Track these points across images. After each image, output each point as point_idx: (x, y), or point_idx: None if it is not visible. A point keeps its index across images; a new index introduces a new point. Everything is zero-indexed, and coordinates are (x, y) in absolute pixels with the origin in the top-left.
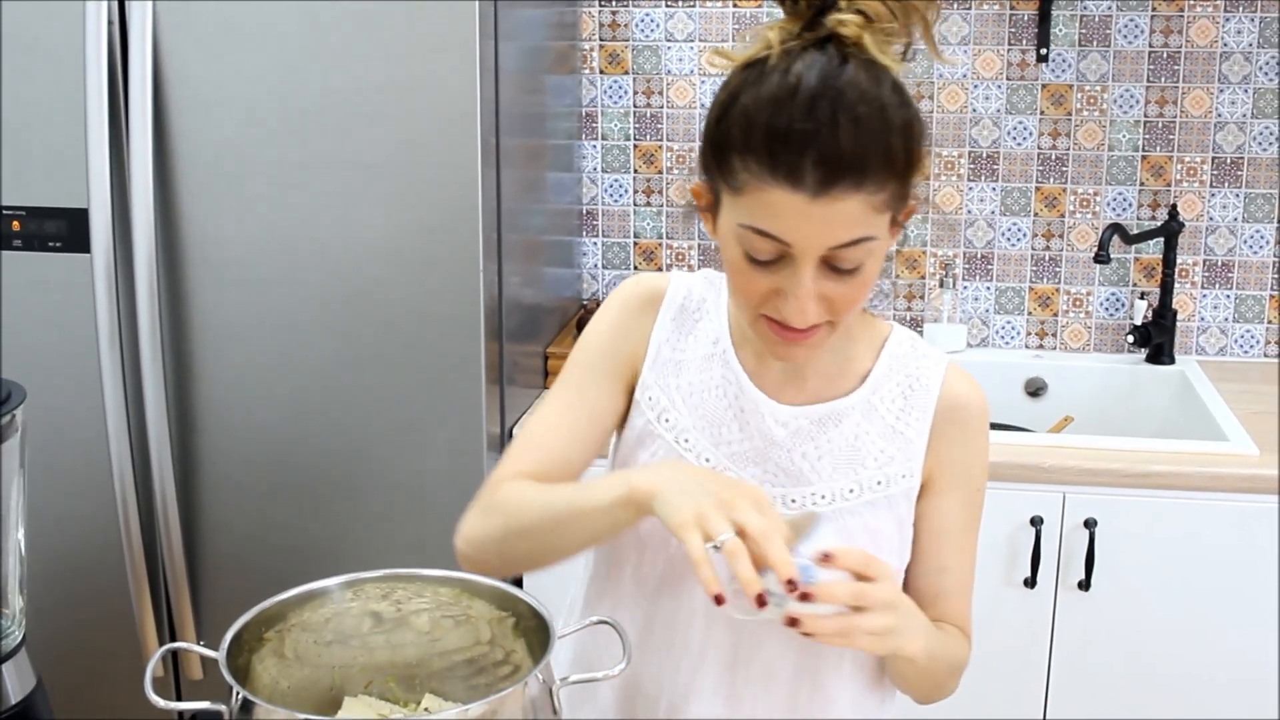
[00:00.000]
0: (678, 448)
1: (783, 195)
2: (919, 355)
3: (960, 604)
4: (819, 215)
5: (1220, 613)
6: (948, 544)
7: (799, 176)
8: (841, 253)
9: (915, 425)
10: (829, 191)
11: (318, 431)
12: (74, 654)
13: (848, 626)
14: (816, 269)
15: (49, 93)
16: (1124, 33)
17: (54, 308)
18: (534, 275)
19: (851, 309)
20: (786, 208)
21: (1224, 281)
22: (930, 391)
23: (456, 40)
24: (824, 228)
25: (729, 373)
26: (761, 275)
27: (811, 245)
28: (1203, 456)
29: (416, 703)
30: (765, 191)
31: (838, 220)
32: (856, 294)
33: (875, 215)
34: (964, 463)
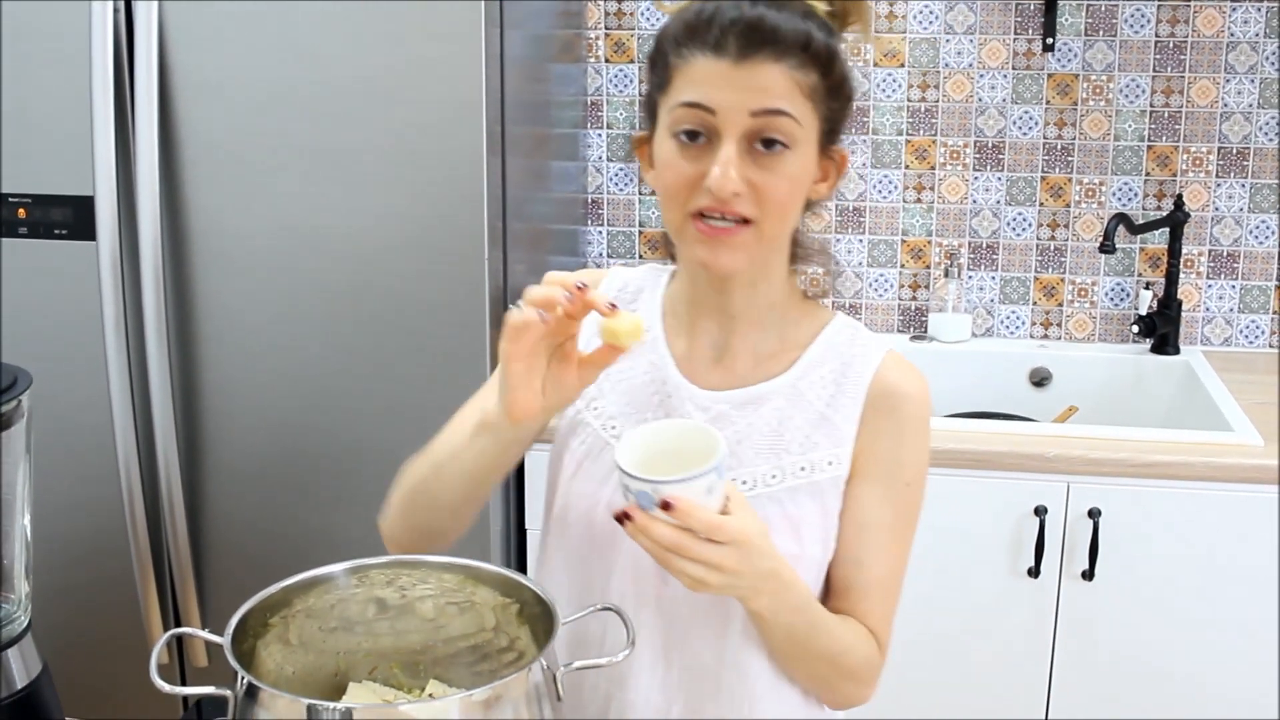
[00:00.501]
0: (604, 434)
1: (707, 63)
2: (857, 343)
3: (874, 605)
4: (741, 80)
5: (1224, 603)
6: (866, 538)
7: (722, 44)
8: (764, 122)
9: (844, 411)
10: (750, 57)
11: (322, 419)
12: (80, 639)
13: (663, 555)
14: (739, 145)
15: (55, 81)
16: (1130, 22)
17: (59, 295)
18: (539, 264)
19: (776, 210)
20: (711, 73)
21: (1229, 272)
22: (862, 378)
23: (462, 29)
24: (746, 93)
25: (656, 358)
26: (689, 163)
27: (734, 109)
28: (1207, 447)
29: (421, 688)
30: (692, 65)
31: (759, 85)
32: (780, 187)
33: (799, 96)
34: (892, 455)
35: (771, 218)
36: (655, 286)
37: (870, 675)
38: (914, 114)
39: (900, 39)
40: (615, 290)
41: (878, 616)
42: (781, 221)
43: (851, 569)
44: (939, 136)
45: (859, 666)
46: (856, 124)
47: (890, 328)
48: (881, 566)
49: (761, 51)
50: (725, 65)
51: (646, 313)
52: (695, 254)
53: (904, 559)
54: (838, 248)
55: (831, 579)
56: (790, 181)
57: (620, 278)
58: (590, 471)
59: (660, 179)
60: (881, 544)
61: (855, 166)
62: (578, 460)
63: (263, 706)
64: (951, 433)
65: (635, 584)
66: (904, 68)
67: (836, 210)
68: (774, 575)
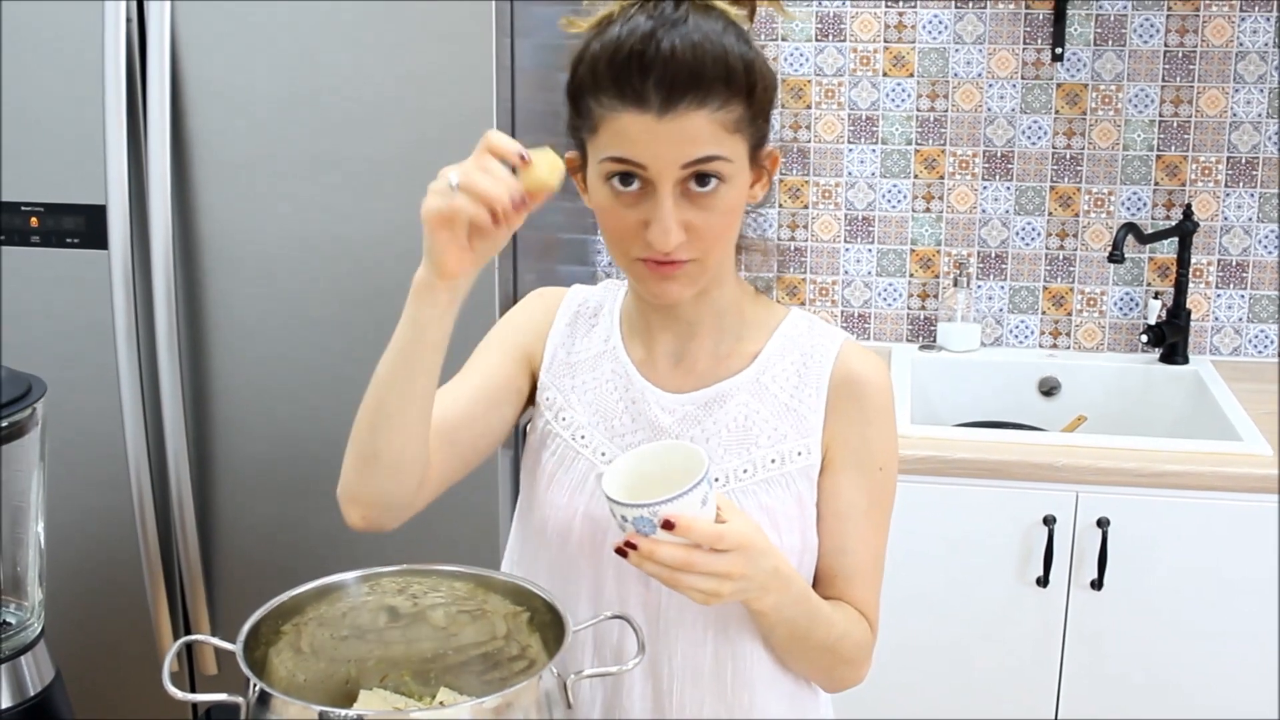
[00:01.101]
0: (574, 444)
1: (631, 118)
2: (815, 334)
3: (861, 589)
4: (667, 133)
5: (1232, 612)
6: (847, 526)
7: (644, 98)
8: (696, 168)
9: (809, 401)
10: (673, 108)
11: (333, 427)
12: (92, 646)
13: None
14: (675, 193)
15: (67, 90)
16: (1139, 32)
17: (72, 304)
18: (549, 273)
19: (718, 243)
20: (636, 130)
21: (1238, 281)
22: (824, 366)
23: (473, 38)
24: (673, 146)
25: (618, 366)
26: (628, 211)
27: (665, 164)
28: (1216, 456)
29: (432, 696)
30: (616, 119)
31: (686, 137)
32: (719, 223)
33: (725, 135)
34: (861, 441)
35: (714, 252)
36: (614, 300)
37: (864, 656)
38: (923, 123)
39: (909, 49)
40: (575, 307)
41: (867, 600)
42: (724, 250)
43: (837, 558)
44: (948, 146)
45: (854, 649)
46: (866, 133)
47: (899, 337)
48: (865, 551)
49: (684, 101)
50: (649, 120)
51: (606, 326)
52: (646, 289)
53: (884, 541)
54: (846, 257)
55: (819, 569)
56: (727, 214)
57: (581, 294)
58: (562, 482)
59: (602, 224)
60: (862, 529)
61: (864, 176)
62: (549, 473)
63: (275, 713)
64: (960, 442)
65: (619, 590)
66: (913, 77)
67: (845, 219)
68: (777, 573)
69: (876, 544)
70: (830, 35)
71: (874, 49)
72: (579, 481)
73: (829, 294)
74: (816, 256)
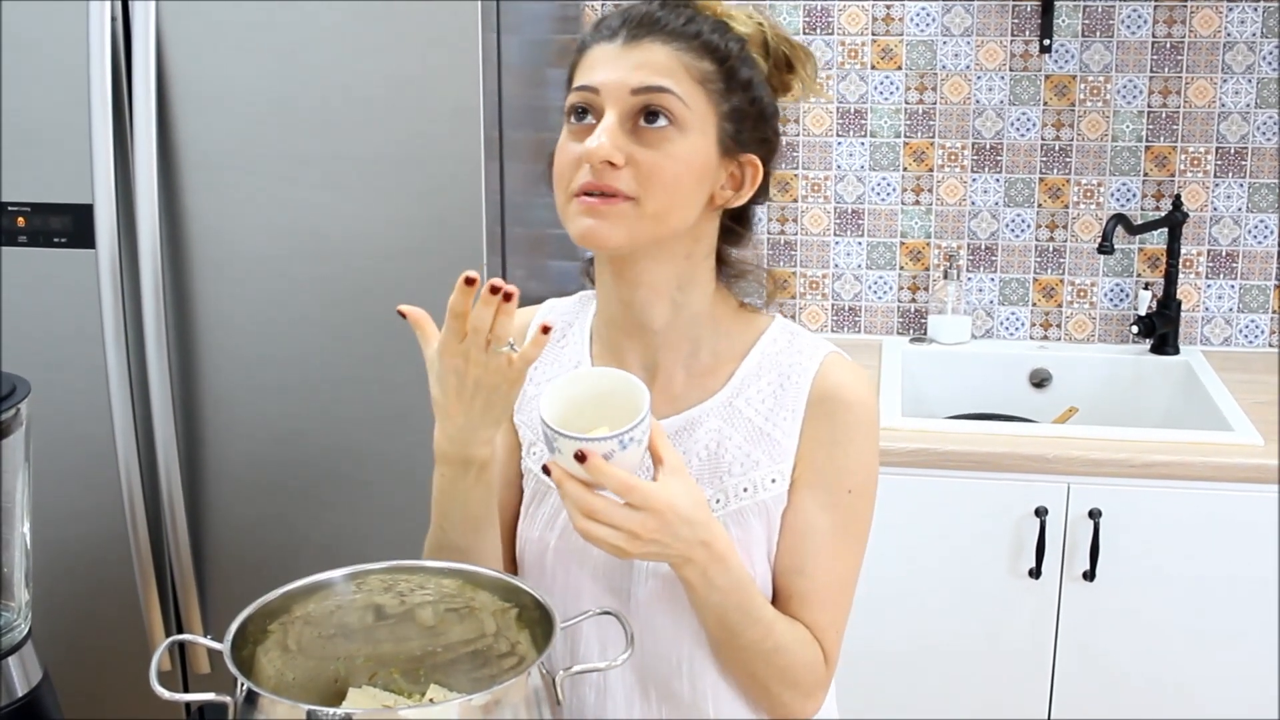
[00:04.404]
0: (545, 479)
1: (599, 50)
2: (795, 349)
3: (819, 614)
4: (626, 59)
5: (1225, 603)
6: (806, 546)
7: (613, 32)
8: (645, 99)
9: (784, 425)
10: (638, 40)
11: (322, 425)
12: (80, 647)
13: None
14: (623, 120)
15: (53, 89)
16: (1127, 23)
17: (59, 303)
18: (538, 269)
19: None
20: (600, 58)
21: (1228, 272)
22: (801, 386)
23: (459, 34)
24: (629, 70)
25: None
26: (573, 143)
27: (616, 85)
28: (1207, 447)
29: (421, 694)
30: (588, 55)
31: (642, 63)
32: (666, 166)
33: (687, 78)
34: (830, 462)
35: (655, 195)
36: (584, 319)
37: (813, 684)
38: (911, 116)
39: (897, 41)
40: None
41: (823, 626)
42: (668, 201)
43: (792, 578)
44: (937, 138)
45: (798, 670)
46: (854, 126)
47: (890, 330)
48: (825, 575)
49: (650, 35)
50: (614, 48)
51: (575, 349)
52: (576, 227)
53: (851, 568)
54: (836, 250)
55: (775, 588)
56: (676, 161)
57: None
58: (535, 516)
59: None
60: (823, 552)
61: (854, 169)
62: (524, 505)
63: (263, 712)
64: (952, 434)
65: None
66: (901, 70)
67: (835, 213)
68: (706, 547)
69: (839, 570)
70: (818, 28)
71: (862, 42)
72: (550, 517)
73: (819, 287)
74: (806, 250)
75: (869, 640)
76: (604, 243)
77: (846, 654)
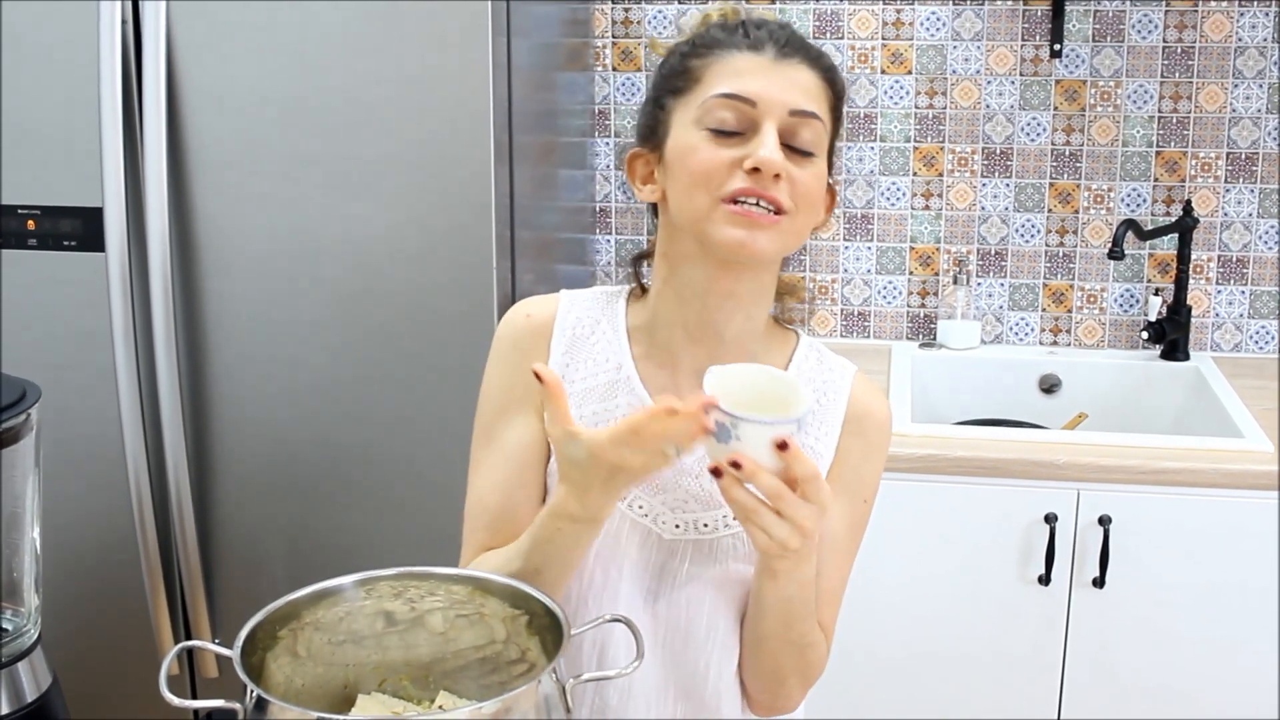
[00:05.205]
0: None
1: (746, 58)
2: (825, 367)
3: (826, 611)
4: (780, 75)
5: (1235, 610)
6: (825, 551)
7: (760, 43)
8: (798, 123)
9: (824, 440)
10: (788, 58)
11: (331, 429)
12: (90, 652)
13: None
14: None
15: (63, 92)
16: (1138, 28)
17: (69, 307)
18: (547, 273)
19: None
20: (751, 67)
21: (1238, 277)
22: (838, 405)
23: (469, 37)
24: (786, 87)
25: (633, 399)
26: (722, 149)
27: (775, 102)
28: (1217, 453)
29: (430, 700)
30: (730, 60)
31: (797, 84)
32: (813, 185)
33: (825, 106)
34: (857, 473)
35: (803, 213)
36: (612, 316)
37: (814, 679)
38: (921, 121)
39: (907, 45)
40: (570, 328)
41: (826, 623)
42: (810, 220)
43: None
44: (947, 143)
45: (814, 666)
46: (864, 131)
47: (899, 335)
48: (834, 576)
49: (799, 54)
50: (765, 61)
51: (609, 347)
52: (727, 236)
53: (849, 569)
54: (846, 255)
55: None
56: (818, 183)
57: (573, 312)
58: None
59: (685, 165)
60: (836, 556)
61: (863, 174)
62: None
63: (272, 718)
64: (961, 440)
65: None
66: (911, 74)
67: (845, 218)
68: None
69: (845, 572)
70: (828, 33)
71: (872, 46)
72: None
73: (828, 292)
74: (816, 255)
75: (878, 646)
76: (758, 255)
77: (855, 660)
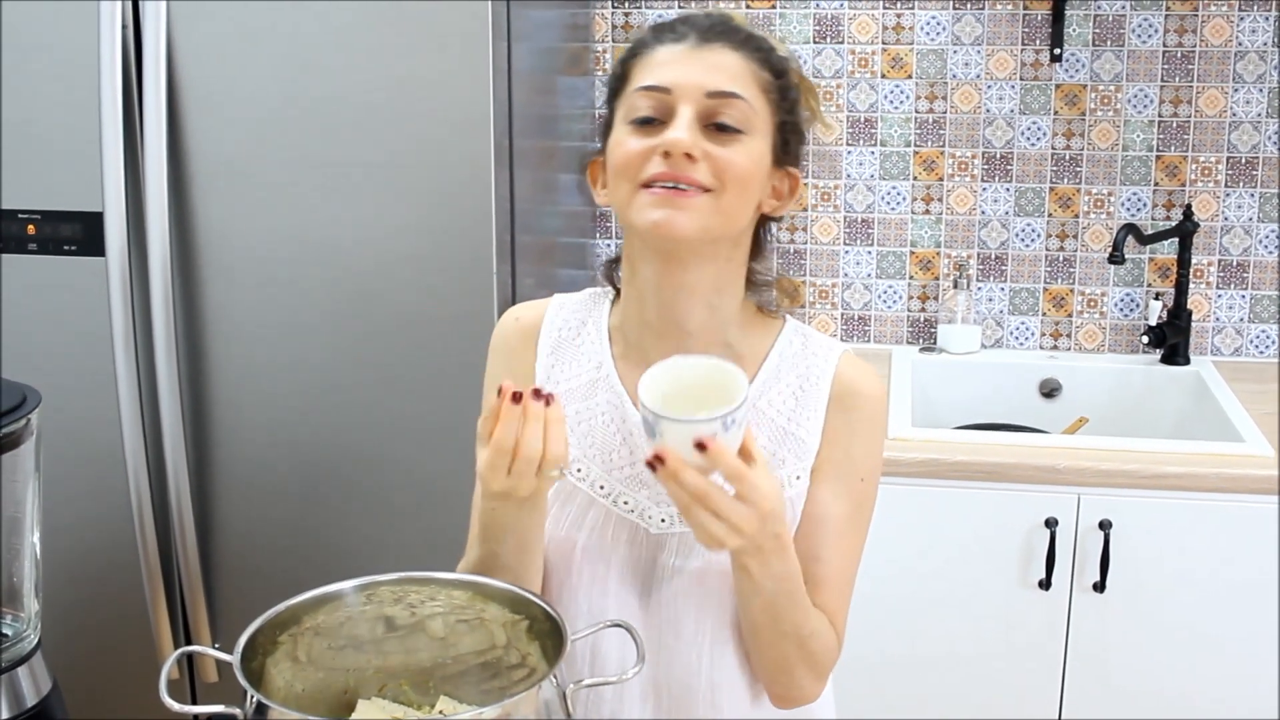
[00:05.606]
0: (571, 477)
1: (666, 50)
2: (810, 351)
3: (831, 598)
4: (698, 61)
5: (1236, 614)
6: (823, 533)
7: (680, 34)
8: (719, 103)
9: (807, 424)
10: (708, 44)
11: (331, 434)
12: (90, 657)
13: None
14: (695, 118)
15: (63, 96)
16: (1138, 32)
17: (69, 311)
18: (548, 277)
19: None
20: (669, 58)
21: (1239, 282)
22: (822, 387)
23: (469, 42)
24: (702, 72)
25: (613, 396)
26: (643, 138)
27: (690, 87)
28: (1218, 458)
29: (431, 705)
30: (651, 55)
31: (715, 67)
32: (740, 165)
33: (754, 86)
34: (847, 451)
35: (730, 190)
36: (597, 316)
37: (827, 667)
38: (922, 125)
39: (908, 50)
40: (557, 330)
41: (834, 610)
42: (740, 197)
43: (809, 564)
44: (947, 148)
45: (821, 655)
46: (864, 135)
47: (899, 339)
48: (838, 560)
49: (721, 39)
50: (684, 49)
51: (593, 347)
52: (646, 219)
53: (858, 553)
54: (846, 259)
55: None
56: (748, 159)
57: (559, 314)
58: (559, 516)
59: (613, 161)
60: (837, 538)
61: (863, 178)
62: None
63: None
64: (961, 445)
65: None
66: (911, 79)
67: (845, 222)
68: (777, 536)
69: (851, 554)
70: (828, 37)
71: (872, 50)
72: (577, 516)
73: (829, 297)
74: (816, 259)
75: (878, 650)
76: (678, 233)
77: (856, 663)
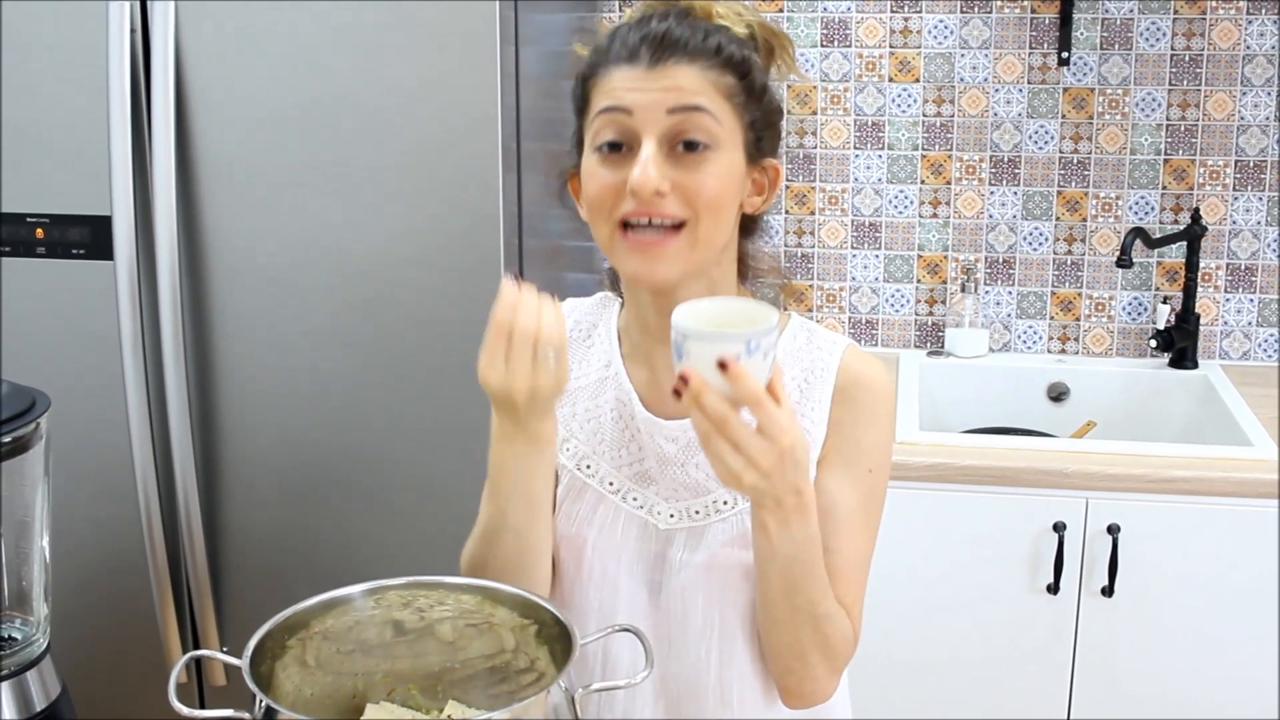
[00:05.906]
0: (581, 474)
1: (622, 73)
2: (814, 346)
3: (846, 588)
4: (655, 82)
5: (1244, 618)
6: (834, 523)
7: (635, 54)
8: (682, 120)
9: (813, 417)
10: (663, 62)
11: (340, 437)
12: (98, 661)
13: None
14: (660, 145)
15: (71, 99)
16: (1146, 35)
17: (77, 315)
18: (556, 280)
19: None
20: (626, 80)
21: (1247, 285)
22: (826, 380)
23: (477, 45)
24: (661, 92)
25: (621, 394)
26: (611, 171)
27: (650, 108)
28: (1226, 462)
29: (439, 710)
30: (608, 77)
31: (674, 85)
32: (711, 186)
33: (717, 96)
34: (854, 441)
35: (704, 218)
36: (608, 319)
37: (843, 659)
38: (929, 129)
39: (915, 53)
40: (568, 331)
41: (849, 602)
42: (715, 222)
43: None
44: (954, 151)
45: (838, 642)
46: (872, 139)
47: (907, 343)
48: (850, 550)
49: (674, 56)
50: (639, 71)
51: (603, 347)
52: (629, 269)
53: (871, 543)
54: (853, 263)
55: None
56: (718, 180)
57: (571, 317)
58: (570, 513)
59: (586, 195)
60: (849, 528)
61: (871, 182)
62: (558, 503)
63: None
64: (969, 449)
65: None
66: (919, 82)
67: (852, 225)
68: (799, 494)
69: (863, 544)
70: (836, 41)
71: (879, 54)
72: (588, 512)
73: (836, 300)
74: (823, 263)
75: (886, 654)
76: (660, 280)
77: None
